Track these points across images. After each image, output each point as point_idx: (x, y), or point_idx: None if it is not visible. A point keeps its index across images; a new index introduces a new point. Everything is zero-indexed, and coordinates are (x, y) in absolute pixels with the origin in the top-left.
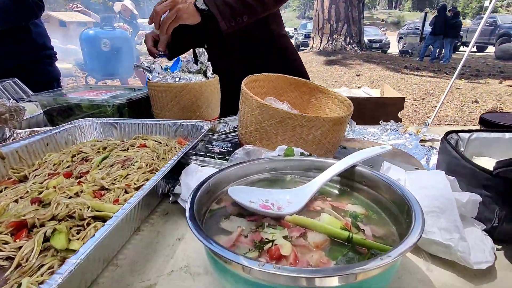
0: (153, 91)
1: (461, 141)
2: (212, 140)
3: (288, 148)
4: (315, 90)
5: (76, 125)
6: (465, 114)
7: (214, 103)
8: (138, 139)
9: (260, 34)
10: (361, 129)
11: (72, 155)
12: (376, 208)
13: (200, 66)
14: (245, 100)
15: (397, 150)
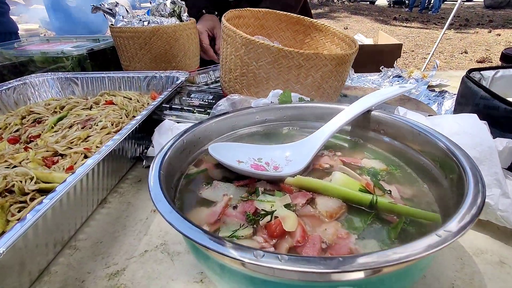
0: (118, 39)
1: (484, 80)
2: (190, 92)
3: (284, 92)
4: (310, 28)
5: (27, 81)
6: (455, 65)
7: (192, 50)
8: (104, 96)
9: None
10: (360, 77)
11: (22, 116)
12: (399, 162)
13: (173, 7)
14: (227, 38)
15: (404, 97)
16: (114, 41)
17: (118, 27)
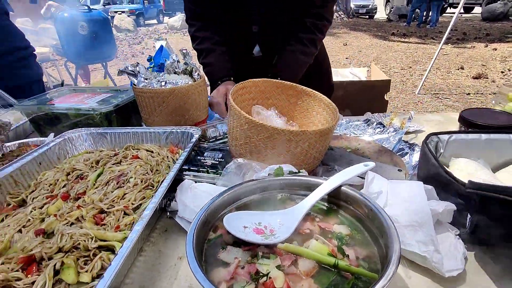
0: (140, 97)
1: (440, 143)
2: (203, 149)
3: (277, 168)
4: (301, 93)
5: (65, 137)
6: (451, 81)
7: (202, 104)
8: (130, 149)
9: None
10: (348, 122)
11: (67, 173)
12: (360, 227)
13: (185, 67)
14: (233, 114)
15: (382, 148)
16: (136, 98)
17: (140, 88)
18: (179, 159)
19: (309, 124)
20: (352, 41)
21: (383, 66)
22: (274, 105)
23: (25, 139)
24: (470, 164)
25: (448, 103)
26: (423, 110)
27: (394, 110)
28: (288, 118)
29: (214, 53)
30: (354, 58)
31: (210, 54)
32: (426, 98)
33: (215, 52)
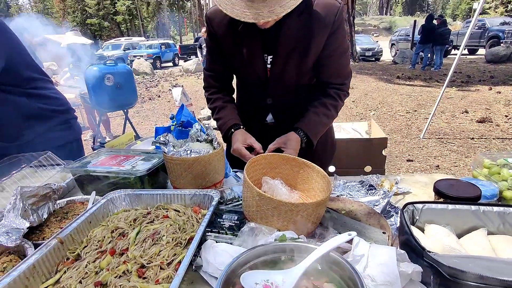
0: (169, 163)
1: (416, 211)
2: (222, 212)
3: (282, 235)
4: (302, 164)
5: (109, 198)
6: (456, 125)
7: (220, 168)
8: (160, 209)
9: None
10: (345, 183)
11: (111, 230)
12: (344, 286)
13: (206, 137)
14: (247, 187)
15: (372, 211)
16: (165, 164)
17: (169, 156)
18: (203, 221)
19: (309, 191)
20: (359, 84)
21: (388, 110)
22: (280, 173)
23: (72, 197)
24: (440, 230)
25: (453, 148)
26: (427, 155)
27: (393, 162)
28: (292, 185)
29: (225, 109)
30: (360, 101)
31: (222, 110)
32: (430, 143)
33: (226, 108)
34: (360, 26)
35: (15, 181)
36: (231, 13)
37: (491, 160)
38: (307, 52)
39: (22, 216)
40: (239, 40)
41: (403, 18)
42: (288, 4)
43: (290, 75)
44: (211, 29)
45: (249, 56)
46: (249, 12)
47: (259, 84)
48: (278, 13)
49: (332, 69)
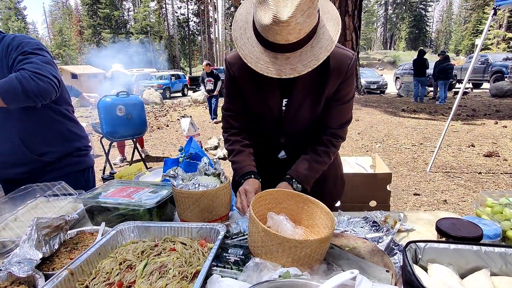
0: (177, 196)
1: (419, 250)
2: (227, 246)
3: (286, 272)
4: (306, 200)
5: (118, 230)
6: (462, 159)
7: (226, 202)
8: (168, 241)
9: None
10: (349, 219)
11: (119, 262)
12: None
13: (214, 171)
14: (253, 222)
15: (375, 248)
16: (174, 196)
17: (178, 189)
18: (209, 256)
19: (313, 226)
20: (364, 116)
21: (394, 142)
22: (285, 208)
23: (82, 228)
24: (442, 270)
25: (460, 182)
26: (434, 189)
27: (398, 196)
28: (296, 221)
29: (242, 154)
30: (365, 133)
31: (239, 154)
32: (437, 177)
33: (244, 152)
34: (364, 60)
35: (28, 210)
36: (255, 67)
37: (494, 199)
38: (320, 98)
39: (36, 247)
40: (259, 85)
41: (407, 52)
42: (310, 64)
43: (304, 118)
44: (231, 73)
45: (268, 100)
46: (272, 68)
47: (273, 124)
48: (300, 71)
49: (334, 113)
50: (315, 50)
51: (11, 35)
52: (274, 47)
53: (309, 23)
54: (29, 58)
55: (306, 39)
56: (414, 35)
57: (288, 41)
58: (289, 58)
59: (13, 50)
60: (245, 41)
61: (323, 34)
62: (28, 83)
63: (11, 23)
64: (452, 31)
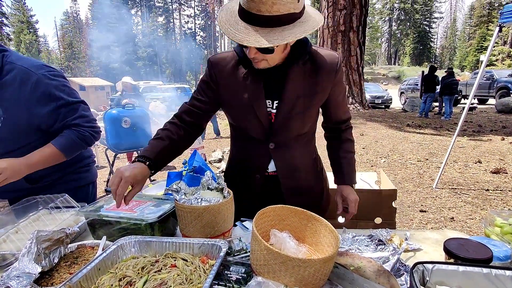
0: (180, 210)
1: (426, 271)
2: (229, 263)
3: None
4: (310, 217)
5: (119, 244)
6: (469, 175)
7: (229, 217)
8: (169, 257)
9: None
10: (354, 236)
11: (119, 278)
12: None
13: (217, 186)
14: (255, 240)
15: (381, 269)
16: (176, 211)
17: (181, 204)
18: (210, 273)
19: (317, 244)
20: (369, 131)
21: (399, 157)
22: (289, 225)
23: (82, 241)
24: None
25: (467, 199)
26: (441, 206)
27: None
28: (300, 238)
29: (160, 140)
30: (370, 148)
31: (157, 139)
32: (444, 193)
33: (163, 141)
34: (369, 74)
35: (30, 222)
36: (225, 30)
37: (503, 219)
38: (312, 99)
39: (35, 261)
40: (242, 86)
41: (411, 68)
42: (274, 40)
43: (295, 121)
44: (212, 74)
45: (251, 101)
46: (239, 34)
47: (261, 130)
48: (262, 44)
49: (341, 109)
50: (284, 33)
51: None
52: (247, 16)
53: (285, 3)
54: (74, 109)
55: (279, 21)
56: (418, 50)
57: (259, 12)
58: (257, 31)
59: (42, 100)
60: (228, 12)
61: (300, 25)
62: (90, 141)
63: (23, 36)
64: (457, 47)
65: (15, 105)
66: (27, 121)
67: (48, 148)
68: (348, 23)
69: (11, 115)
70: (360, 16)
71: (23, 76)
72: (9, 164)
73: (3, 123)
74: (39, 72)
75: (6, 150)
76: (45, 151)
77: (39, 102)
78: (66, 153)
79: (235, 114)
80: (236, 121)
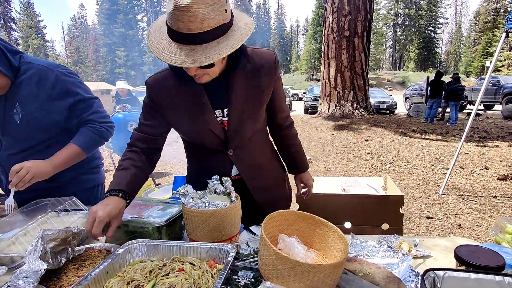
0: (187, 214)
1: (437, 278)
2: (237, 268)
3: None
4: (319, 223)
5: (127, 248)
6: (476, 182)
7: (237, 222)
8: (176, 261)
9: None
10: (361, 242)
11: (127, 282)
12: None
13: (224, 190)
14: (264, 244)
15: (391, 275)
16: (183, 215)
17: (188, 208)
18: (218, 278)
19: (326, 250)
20: (374, 136)
21: (405, 163)
22: (297, 230)
23: (90, 244)
24: None
25: (474, 206)
26: (448, 213)
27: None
28: (308, 243)
29: (127, 170)
30: (375, 153)
31: (124, 170)
32: (450, 200)
33: (129, 170)
34: (373, 80)
35: (38, 225)
36: (160, 56)
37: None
38: (260, 99)
39: (42, 259)
40: (185, 102)
41: (416, 73)
42: (212, 56)
43: (248, 123)
44: (152, 96)
45: (200, 116)
46: (175, 57)
47: (217, 141)
48: (202, 62)
49: (283, 103)
50: (220, 47)
51: (45, 71)
52: (178, 37)
53: (213, 17)
54: (89, 105)
55: (211, 35)
56: (423, 56)
57: (190, 30)
58: (193, 50)
59: (60, 95)
60: (157, 35)
61: (233, 34)
62: (106, 135)
63: (31, 41)
64: (462, 52)
65: (33, 102)
66: (46, 117)
67: (71, 147)
68: (353, 29)
69: (29, 112)
70: (365, 21)
71: (42, 74)
72: (34, 164)
73: (21, 121)
74: (57, 70)
75: (25, 147)
76: (69, 151)
77: (59, 97)
78: (87, 151)
79: (187, 130)
80: (189, 137)
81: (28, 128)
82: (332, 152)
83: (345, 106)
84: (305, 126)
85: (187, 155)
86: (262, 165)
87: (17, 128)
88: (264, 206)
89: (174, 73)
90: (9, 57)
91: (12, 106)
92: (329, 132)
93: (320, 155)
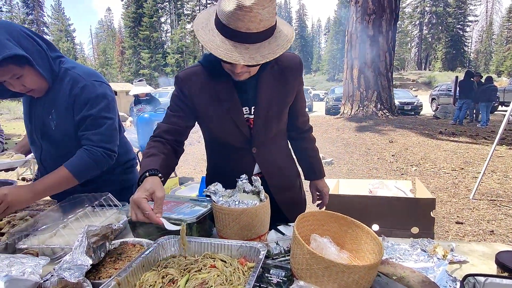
0: (217, 212)
1: (478, 284)
2: (269, 266)
3: None
4: (351, 223)
5: (159, 243)
6: (510, 187)
7: (266, 220)
8: (207, 258)
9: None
10: (393, 245)
11: (162, 276)
12: None
13: (254, 189)
14: (297, 244)
15: (426, 280)
16: (214, 213)
17: (219, 206)
18: (251, 275)
19: (358, 251)
20: (398, 138)
21: (432, 166)
22: (328, 231)
23: (125, 239)
24: None
25: (509, 212)
26: (479, 218)
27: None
28: (340, 244)
29: (155, 156)
30: (400, 155)
31: (152, 156)
32: (482, 205)
33: (158, 156)
34: (398, 80)
35: (77, 219)
36: (216, 53)
37: None
38: (285, 99)
39: (87, 254)
40: (216, 98)
41: (443, 73)
42: (267, 55)
43: (273, 122)
44: (183, 89)
45: (229, 111)
46: (232, 54)
47: (242, 138)
48: (258, 61)
49: (304, 107)
50: (272, 46)
51: (78, 80)
52: (235, 35)
53: (268, 18)
54: (97, 124)
55: (264, 35)
56: (451, 55)
57: (248, 30)
58: (248, 49)
59: (80, 105)
60: (207, 32)
61: (280, 35)
62: (101, 162)
63: (61, 44)
64: (493, 51)
65: (65, 110)
66: (74, 126)
67: (61, 171)
68: (378, 28)
69: (63, 119)
70: (390, 20)
71: (74, 82)
72: (11, 191)
73: (56, 127)
74: (89, 80)
75: (63, 152)
76: (56, 176)
77: (80, 107)
78: (77, 177)
79: (214, 126)
80: (215, 132)
81: (62, 135)
82: (355, 154)
83: (369, 107)
84: (327, 127)
85: (208, 154)
86: (282, 166)
87: (54, 134)
88: (283, 207)
89: (204, 69)
90: (51, 62)
91: (49, 113)
92: (352, 133)
93: (342, 156)
